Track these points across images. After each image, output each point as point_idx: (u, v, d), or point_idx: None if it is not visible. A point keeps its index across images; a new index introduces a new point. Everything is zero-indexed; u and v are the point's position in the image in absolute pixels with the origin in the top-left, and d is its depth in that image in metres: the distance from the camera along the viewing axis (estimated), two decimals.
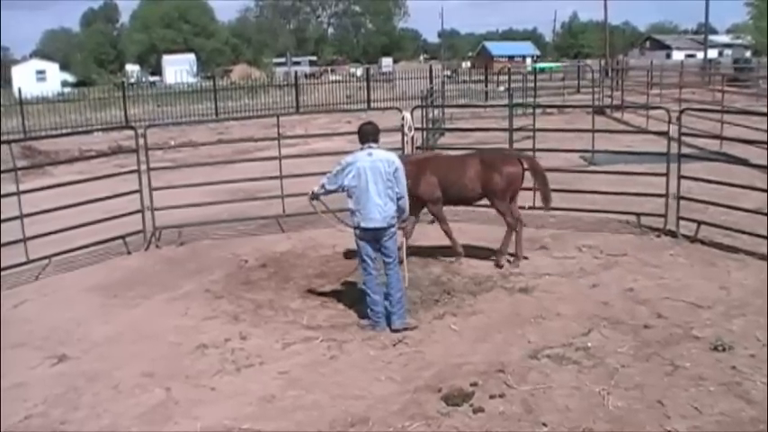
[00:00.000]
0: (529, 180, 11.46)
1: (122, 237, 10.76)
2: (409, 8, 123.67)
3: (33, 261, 9.93)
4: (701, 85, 30.77)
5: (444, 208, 9.79)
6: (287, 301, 8.52)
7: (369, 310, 7.57)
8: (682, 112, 10.63)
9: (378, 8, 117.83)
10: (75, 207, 10.45)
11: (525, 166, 9.66)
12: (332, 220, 8.53)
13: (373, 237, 7.46)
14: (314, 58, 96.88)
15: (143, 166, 11.02)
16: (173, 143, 22.49)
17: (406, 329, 7.45)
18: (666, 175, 10.43)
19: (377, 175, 7.37)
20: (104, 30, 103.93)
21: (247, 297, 8.70)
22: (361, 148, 7.55)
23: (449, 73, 48.89)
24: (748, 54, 63.55)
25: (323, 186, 7.80)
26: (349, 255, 9.74)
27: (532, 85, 29.28)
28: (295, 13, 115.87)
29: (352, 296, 8.45)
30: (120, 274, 9.86)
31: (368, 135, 7.59)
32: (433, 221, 11.52)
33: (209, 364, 6.90)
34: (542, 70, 43.10)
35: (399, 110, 11.82)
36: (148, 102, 35.63)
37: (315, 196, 8.04)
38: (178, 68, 65.50)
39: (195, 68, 73.49)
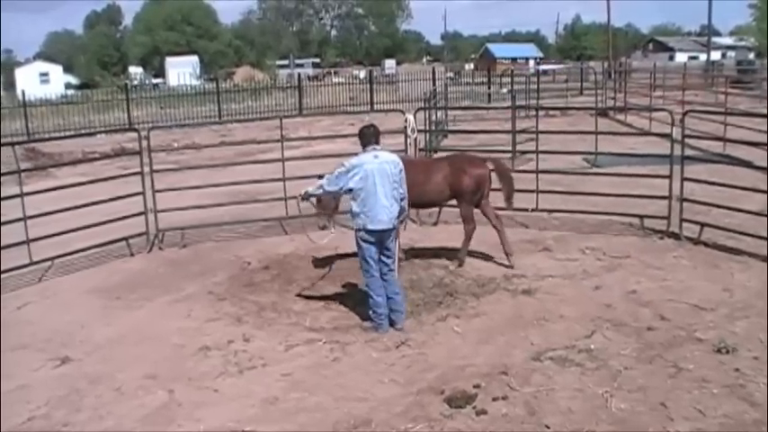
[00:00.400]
0: (531, 182, 11.50)
1: (125, 239, 10.77)
2: (412, 10, 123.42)
3: (36, 263, 9.94)
4: (704, 87, 30.73)
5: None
6: (290, 304, 8.52)
7: (371, 312, 7.56)
8: (685, 114, 10.62)
9: (381, 10, 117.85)
10: (78, 209, 10.46)
11: (491, 167, 9.65)
12: (320, 222, 8.56)
13: (378, 238, 7.45)
14: (317, 60, 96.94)
15: (146, 168, 11.04)
16: (176, 145, 22.49)
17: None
18: (669, 177, 10.42)
19: (384, 177, 7.38)
20: (107, 32, 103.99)
21: (250, 299, 8.70)
22: (365, 151, 7.54)
23: (452, 75, 48.85)
24: (751, 56, 63.50)
25: (320, 187, 7.72)
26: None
27: (535, 87, 29.26)
28: (298, 16, 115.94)
29: (354, 298, 8.45)
30: (122, 276, 9.87)
31: (370, 137, 7.59)
32: (436, 223, 11.55)
33: (211, 366, 6.90)
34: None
35: (402, 112, 11.83)
36: (151, 104, 35.69)
37: (306, 197, 8.03)
38: (181, 71, 65.51)
39: (198, 71, 73.52)
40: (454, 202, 9.74)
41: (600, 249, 9.96)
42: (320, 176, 7.93)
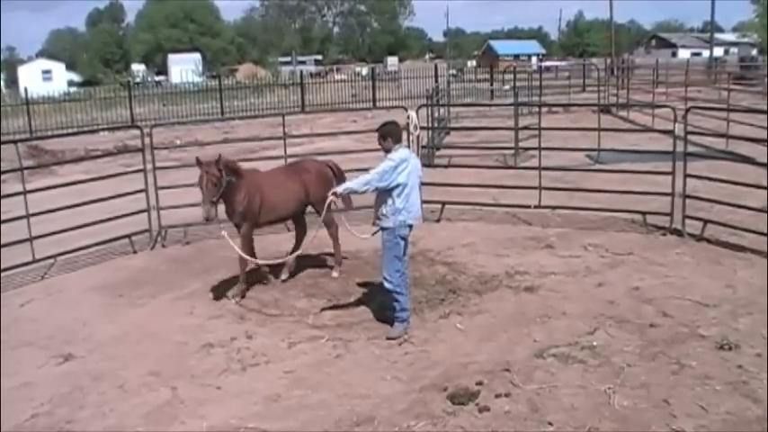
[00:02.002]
0: (534, 179, 11.50)
1: (128, 236, 10.78)
2: (414, 7, 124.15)
3: (39, 260, 9.95)
4: (707, 84, 30.69)
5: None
6: (292, 301, 8.52)
7: (401, 312, 7.40)
8: (687, 110, 10.62)
9: (383, 7, 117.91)
10: (80, 206, 10.48)
11: (334, 170, 9.47)
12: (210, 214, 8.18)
13: (408, 233, 7.50)
14: (319, 57, 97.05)
15: (149, 166, 11.05)
16: (178, 142, 22.54)
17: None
18: (672, 173, 10.41)
19: (416, 172, 7.42)
20: (110, 29, 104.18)
21: (253, 296, 8.70)
22: (400, 146, 7.42)
23: (454, 72, 48.84)
24: (754, 52, 63.33)
25: (368, 183, 7.24)
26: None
27: (538, 83, 29.23)
28: (300, 13, 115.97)
29: (357, 295, 8.46)
30: (125, 273, 9.88)
31: (400, 134, 7.51)
32: (439, 220, 11.55)
33: (214, 364, 6.91)
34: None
35: (405, 109, 11.81)
36: (154, 101, 35.66)
37: (346, 194, 7.87)
38: (184, 68, 65.66)
39: (201, 68, 73.63)
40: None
41: (603, 246, 9.95)
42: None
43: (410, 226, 7.42)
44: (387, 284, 7.34)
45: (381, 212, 7.30)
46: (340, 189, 7.62)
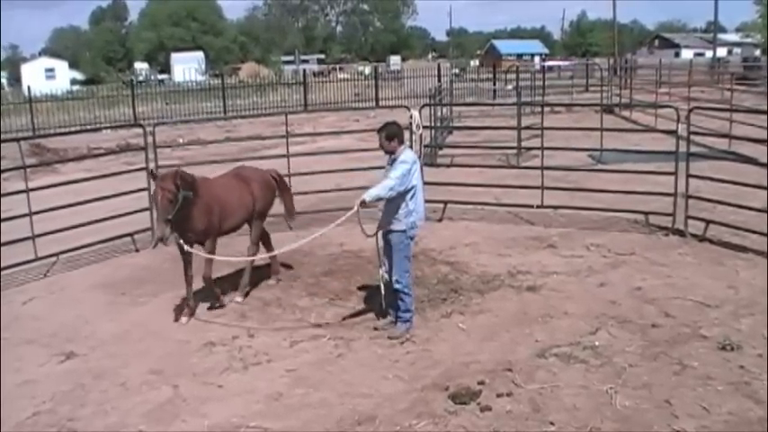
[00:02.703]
0: (536, 178, 11.49)
1: (130, 234, 10.78)
2: (417, 6, 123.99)
3: (41, 258, 9.96)
4: (710, 84, 30.61)
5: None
6: (294, 299, 8.52)
7: (405, 312, 7.42)
8: (690, 110, 10.59)
9: (386, 6, 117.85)
10: (83, 205, 10.50)
11: (276, 180, 9.28)
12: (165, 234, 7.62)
13: (416, 233, 7.52)
14: (322, 56, 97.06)
15: (151, 164, 11.04)
16: (181, 141, 22.57)
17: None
18: (675, 173, 10.39)
19: (419, 172, 7.43)
20: (113, 28, 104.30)
21: (255, 295, 8.71)
22: (404, 147, 7.43)
23: (457, 71, 48.74)
24: (757, 52, 63.35)
25: (392, 189, 7.04)
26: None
27: (541, 83, 29.21)
28: (303, 12, 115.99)
29: (359, 294, 8.46)
30: (127, 271, 9.89)
31: (403, 135, 7.48)
32: (441, 219, 11.54)
33: (216, 362, 6.91)
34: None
35: (408, 108, 11.80)
36: (157, 100, 35.71)
37: (371, 201, 7.21)
38: (186, 66, 65.58)
39: (204, 66, 73.62)
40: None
41: (605, 246, 9.94)
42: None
43: (418, 227, 7.47)
44: (396, 285, 7.34)
45: (394, 216, 7.26)
46: (368, 197, 7.06)
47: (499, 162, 15.36)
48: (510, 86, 33.65)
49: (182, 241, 7.85)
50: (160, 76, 68.58)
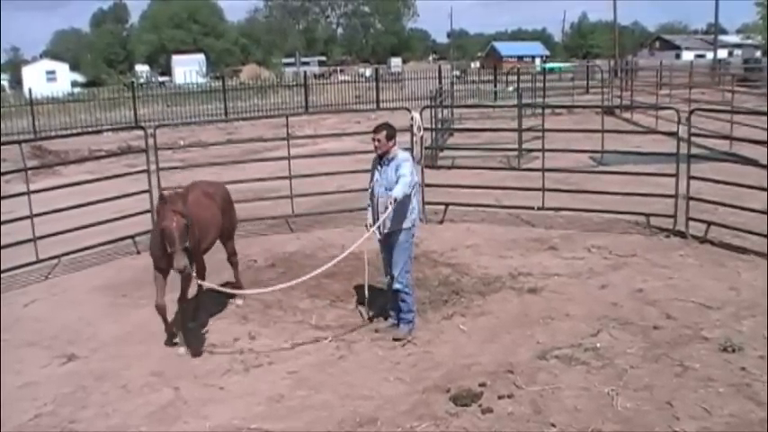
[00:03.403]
0: (537, 180, 11.48)
1: (131, 236, 10.78)
2: (418, 8, 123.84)
3: (43, 260, 9.97)
4: (711, 86, 30.63)
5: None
6: (296, 301, 8.52)
7: (407, 313, 7.43)
8: (691, 112, 10.59)
9: (387, 8, 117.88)
10: (84, 207, 10.49)
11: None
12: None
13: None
14: (323, 58, 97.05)
15: (152, 166, 11.05)
16: (182, 143, 22.59)
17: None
18: (676, 175, 10.40)
19: None
20: (114, 30, 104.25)
21: (256, 297, 8.69)
22: (398, 148, 7.43)
23: (458, 73, 48.75)
24: (758, 54, 63.24)
25: (411, 185, 7.13)
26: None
27: (541, 85, 29.20)
28: (304, 14, 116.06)
29: (360, 296, 8.45)
30: (128, 273, 9.89)
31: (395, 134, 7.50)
32: (442, 221, 11.54)
33: (217, 364, 6.92)
34: (552, 70, 42.93)
35: (408, 110, 11.80)
36: (158, 102, 35.71)
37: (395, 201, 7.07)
38: (187, 68, 65.69)
39: (204, 68, 73.70)
40: None
41: (606, 248, 9.94)
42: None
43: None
44: (397, 285, 7.35)
45: (403, 215, 7.27)
46: (400, 195, 6.98)
47: (500, 164, 15.35)
48: (511, 88, 33.68)
49: (194, 274, 7.18)
50: (161, 79, 68.59)
